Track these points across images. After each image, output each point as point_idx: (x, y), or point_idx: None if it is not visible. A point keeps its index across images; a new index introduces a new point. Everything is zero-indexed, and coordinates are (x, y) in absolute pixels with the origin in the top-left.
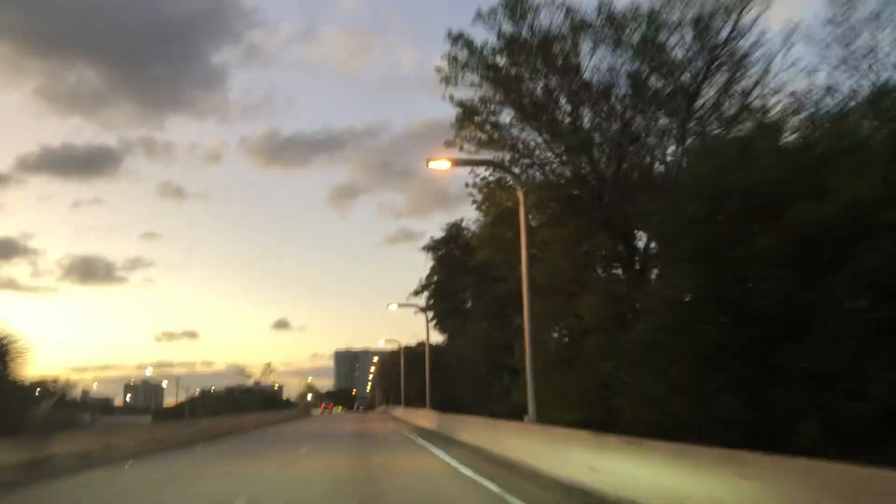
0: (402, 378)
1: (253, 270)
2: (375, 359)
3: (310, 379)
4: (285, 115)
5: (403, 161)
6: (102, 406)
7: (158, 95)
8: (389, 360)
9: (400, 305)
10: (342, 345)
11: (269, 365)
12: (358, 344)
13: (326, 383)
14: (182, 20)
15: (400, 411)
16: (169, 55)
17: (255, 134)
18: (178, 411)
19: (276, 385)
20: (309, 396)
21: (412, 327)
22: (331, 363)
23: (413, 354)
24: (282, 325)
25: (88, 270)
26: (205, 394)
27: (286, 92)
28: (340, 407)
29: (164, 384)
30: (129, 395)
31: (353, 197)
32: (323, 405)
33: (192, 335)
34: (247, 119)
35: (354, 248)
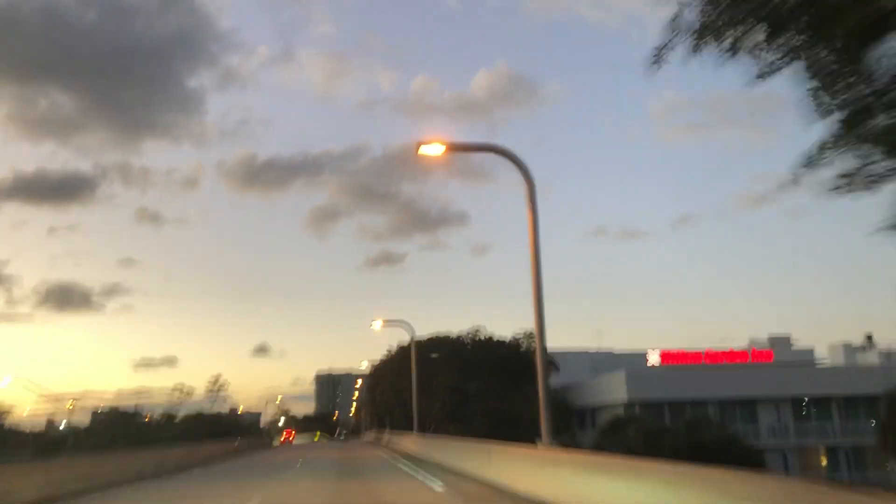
0: (414, 386)
1: (232, 296)
2: (365, 364)
3: (280, 398)
4: (263, 138)
5: (383, 183)
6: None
7: (133, 120)
8: (389, 363)
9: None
10: (324, 370)
11: (217, 378)
12: (340, 367)
13: (308, 409)
14: (156, 43)
15: (412, 442)
16: (143, 79)
17: (233, 158)
18: (60, 441)
19: (240, 407)
20: (282, 421)
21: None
22: (312, 389)
23: (425, 353)
24: (262, 350)
25: (65, 297)
26: (130, 418)
27: (263, 115)
28: (318, 433)
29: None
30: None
31: (332, 220)
32: (285, 434)
33: (171, 362)
34: (224, 143)
35: (335, 271)
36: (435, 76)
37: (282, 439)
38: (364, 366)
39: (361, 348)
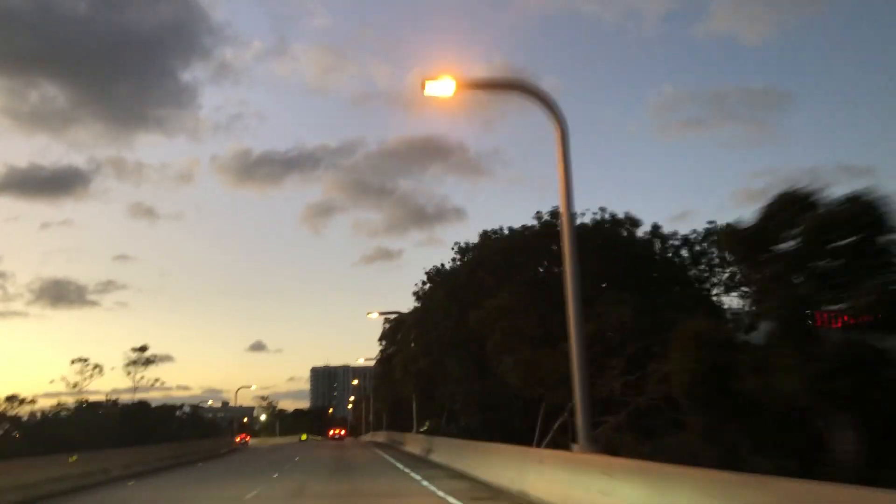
0: (573, 301)
1: (228, 292)
2: (375, 316)
3: (254, 386)
4: (257, 132)
5: (378, 179)
6: None
7: (126, 114)
8: (435, 294)
9: None
10: (320, 364)
11: (141, 351)
12: (337, 363)
13: (303, 406)
14: (149, 36)
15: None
16: (136, 72)
17: (227, 152)
18: None
19: (209, 401)
20: (263, 416)
21: None
22: (308, 386)
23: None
24: (258, 347)
25: (59, 294)
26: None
27: (257, 109)
28: (305, 434)
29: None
30: None
31: (327, 216)
32: (240, 436)
33: (166, 359)
34: (218, 137)
35: (331, 267)
36: (431, 70)
37: (237, 439)
38: (373, 317)
39: (360, 346)
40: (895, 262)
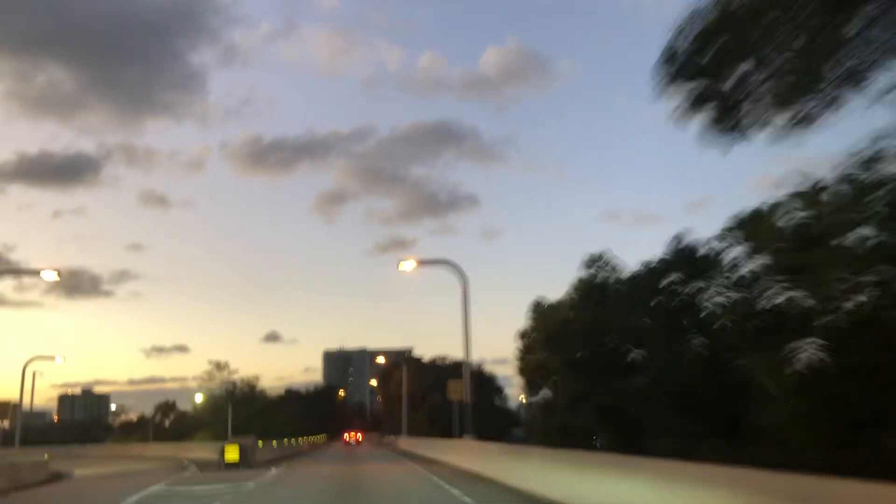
0: None
1: (241, 281)
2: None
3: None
4: (267, 117)
5: (391, 166)
6: None
7: (135, 98)
8: None
9: None
10: (333, 348)
11: None
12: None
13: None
14: (156, 17)
15: None
16: (143, 54)
17: (237, 139)
18: None
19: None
20: (199, 398)
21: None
22: (321, 374)
23: None
24: (273, 337)
25: (74, 284)
26: None
27: (267, 93)
28: (233, 448)
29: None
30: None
31: (340, 203)
32: None
33: (182, 349)
34: (228, 123)
35: (344, 256)
36: (442, 53)
37: None
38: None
39: (372, 338)
40: None
